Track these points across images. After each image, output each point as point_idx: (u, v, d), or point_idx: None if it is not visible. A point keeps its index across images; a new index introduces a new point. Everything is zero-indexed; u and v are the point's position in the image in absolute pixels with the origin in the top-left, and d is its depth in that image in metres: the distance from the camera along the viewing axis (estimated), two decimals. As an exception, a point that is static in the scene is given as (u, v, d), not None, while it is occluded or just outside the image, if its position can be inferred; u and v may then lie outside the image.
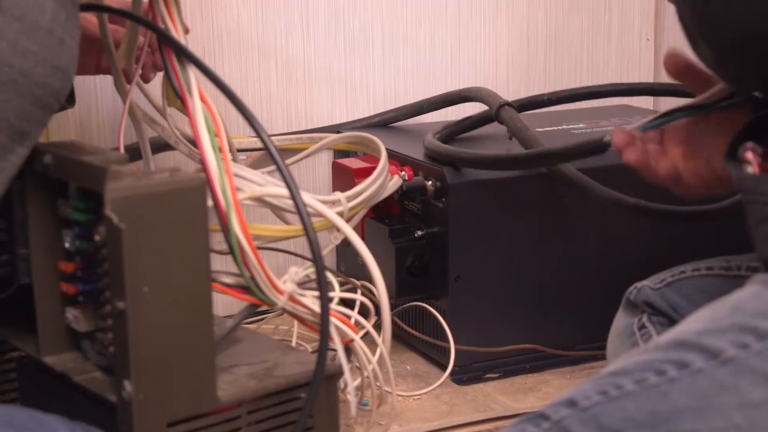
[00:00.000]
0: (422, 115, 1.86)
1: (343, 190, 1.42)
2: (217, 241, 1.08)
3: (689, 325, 0.89)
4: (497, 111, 1.60)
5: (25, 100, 0.95)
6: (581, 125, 1.76)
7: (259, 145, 1.17)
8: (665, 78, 2.06)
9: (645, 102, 2.04)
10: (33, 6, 0.94)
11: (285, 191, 1.18)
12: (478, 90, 1.73)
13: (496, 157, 1.49)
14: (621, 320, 1.27)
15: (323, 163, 1.81)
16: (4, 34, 0.92)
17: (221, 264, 1.12)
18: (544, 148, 1.44)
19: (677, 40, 1.11)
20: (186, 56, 1.12)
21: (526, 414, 0.91)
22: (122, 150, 1.22)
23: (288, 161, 1.56)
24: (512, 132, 1.55)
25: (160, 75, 1.37)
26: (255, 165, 1.59)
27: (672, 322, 1.20)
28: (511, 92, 1.96)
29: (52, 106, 0.98)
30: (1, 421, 0.93)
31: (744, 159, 1.01)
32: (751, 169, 1.00)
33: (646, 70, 2.09)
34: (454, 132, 1.67)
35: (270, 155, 1.10)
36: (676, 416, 0.84)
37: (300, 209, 1.08)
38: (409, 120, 1.84)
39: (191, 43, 1.62)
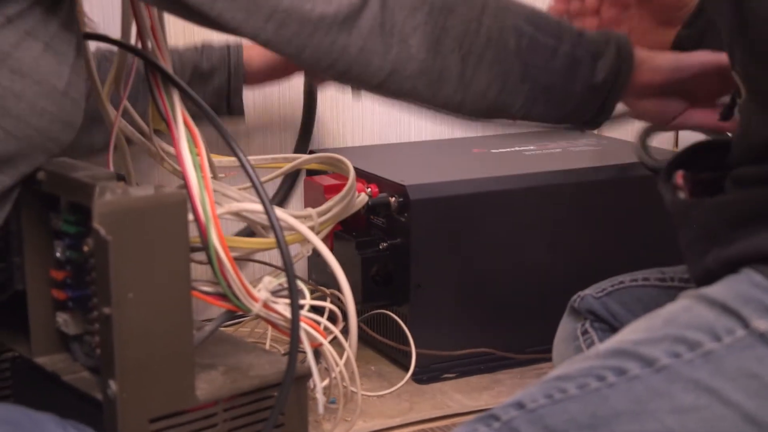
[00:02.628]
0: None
1: (314, 206, 1.41)
2: (197, 252, 1.08)
3: (627, 335, 0.90)
4: None
5: (36, 150, 0.99)
6: (532, 147, 1.76)
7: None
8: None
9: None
10: (53, 72, 0.97)
11: (260, 207, 1.17)
12: None
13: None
14: (566, 326, 1.27)
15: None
16: (24, 96, 0.95)
17: (201, 273, 1.12)
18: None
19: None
20: (171, 82, 1.12)
21: (478, 414, 0.91)
22: (111, 168, 1.21)
23: (264, 179, 1.56)
24: None
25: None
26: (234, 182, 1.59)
27: (612, 328, 1.20)
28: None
29: (55, 152, 1.02)
30: None
31: (676, 185, 1.01)
32: (683, 194, 1.01)
33: None
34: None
35: (246, 173, 1.09)
36: (614, 419, 0.84)
37: (273, 224, 1.08)
38: (375, 141, 1.83)
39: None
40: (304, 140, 1.74)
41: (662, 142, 1.70)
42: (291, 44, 0.98)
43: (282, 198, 1.76)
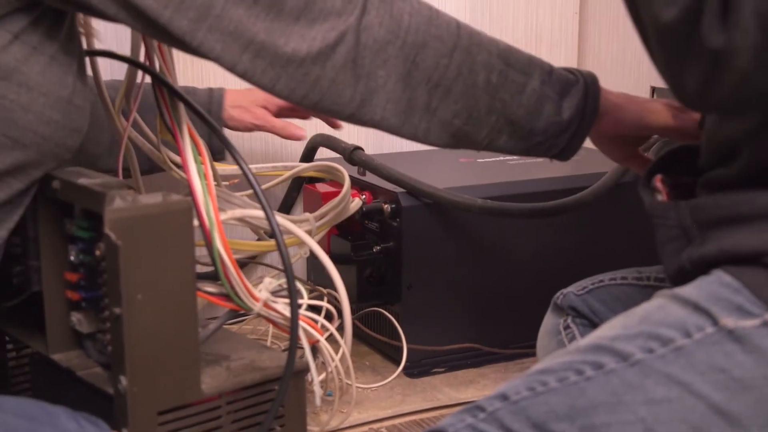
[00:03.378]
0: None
1: (312, 211, 1.41)
2: (202, 255, 1.08)
3: (605, 331, 0.89)
4: (350, 154, 1.60)
5: (45, 156, 0.99)
6: (515, 156, 1.75)
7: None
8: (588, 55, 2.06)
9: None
10: (58, 82, 0.97)
11: (261, 213, 1.17)
12: (323, 138, 1.71)
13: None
14: (549, 321, 1.27)
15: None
16: (31, 108, 0.95)
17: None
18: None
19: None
20: (177, 96, 1.12)
21: (465, 406, 0.91)
22: (120, 176, 1.21)
23: (264, 186, 1.55)
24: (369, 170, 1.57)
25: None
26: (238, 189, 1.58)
27: (592, 323, 1.20)
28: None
29: (65, 157, 1.01)
30: (13, 412, 0.92)
31: (655, 188, 1.01)
32: (661, 197, 1.01)
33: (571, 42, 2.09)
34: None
35: (248, 181, 1.09)
36: (591, 410, 0.84)
37: (274, 228, 1.08)
38: (369, 151, 1.82)
39: (183, 83, 1.62)
40: None
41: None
42: (265, 75, 0.96)
43: (290, 205, 1.75)
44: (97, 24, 1.18)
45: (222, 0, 0.93)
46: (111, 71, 1.42)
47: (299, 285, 1.20)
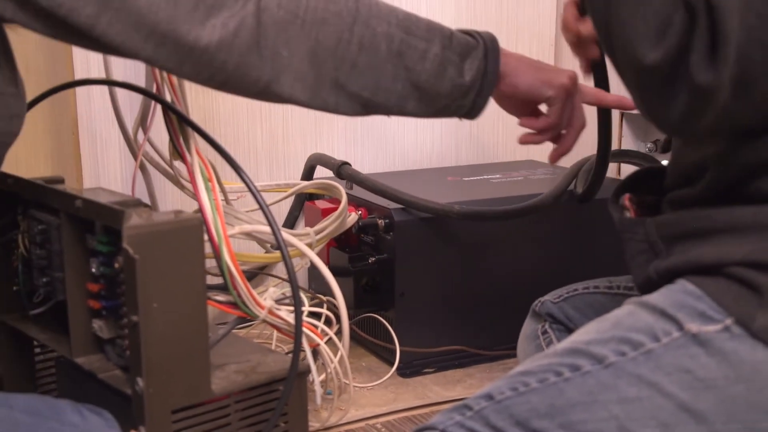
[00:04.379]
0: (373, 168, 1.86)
1: (312, 226, 1.41)
2: (212, 267, 1.08)
3: (580, 336, 0.89)
4: (338, 169, 1.61)
5: None
6: (498, 175, 1.76)
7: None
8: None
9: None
10: None
11: (266, 228, 1.17)
12: (317, 157, 1.72)
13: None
14: (528, 327, 1.27)
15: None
16: None
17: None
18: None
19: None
20: (186, 122, 1.12)
21: (453, 404, 0.91)
22: (134, 194, 1.21)
23: (270, 202, 1.55)
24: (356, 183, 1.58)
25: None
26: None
27: (567, 329, 1.20)
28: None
29: (9, 142, 0.97)
30: (20, 408, 0.91)
31: (624, 206, 1.01)
32: (629, 214, 1.01)
33: None
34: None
35: (255, 199, 1.09)
36: (569, 408, 0.84)
37: (279, 242, 1.08)
38: (366, 171, 1.83)
39: (196, 110, 1.62)
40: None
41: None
42: (170, 60, 0.91)
43: (293, 220, 1.75)
44: (115, 60, 1.18)
45: None
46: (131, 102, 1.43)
47: (301, 293, 1.20)
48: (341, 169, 1.60)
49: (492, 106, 1.06)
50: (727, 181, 0.87)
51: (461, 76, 1.01)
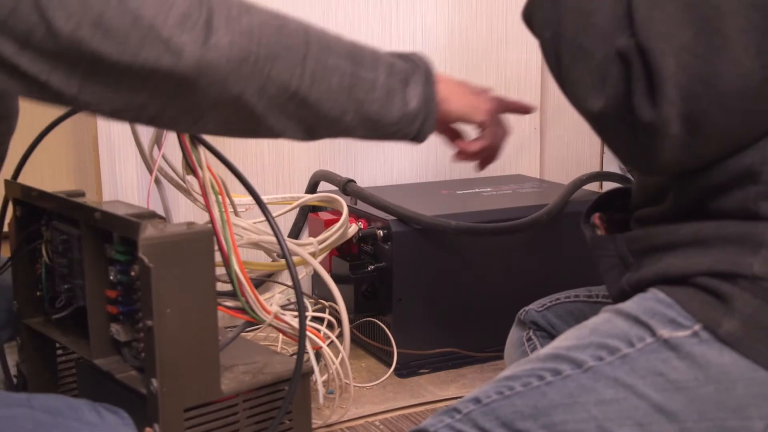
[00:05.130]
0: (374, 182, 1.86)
1: (315, 236, 1.41)
2: (222, 274, 1.08)
3: (561, 342, 0.89)
4: (344, 186, 1.62)
5: None
6: (488, 189, 1.76)
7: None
8: (548, 166, 2.07)
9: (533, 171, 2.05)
10: None
11: (272, 238, 1.17)
12: (322, 174, 1.72)
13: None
14: (514, 333, 1.26)
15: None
16: None
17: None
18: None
19: (558, 129, 1.08)
20: (198, 140, 1.12)
21: (443, 408, 0.91)
22: (149, 206, 1.21)
23: (276, 214, 1.56)
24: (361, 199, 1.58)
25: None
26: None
27: (550, 335, 1.20)
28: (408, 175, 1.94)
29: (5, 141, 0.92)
30: (41, 408, 0.90)
31: (594, 224, 1.01)
32: (599, 231, 1.01)
33: (533, 155, 2.07)
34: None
35: (262, 211, 1.10)
36: (551, 410, 0.84)
37: (285, 252, 1.08)
38: (365, 184, 1.83)
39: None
40: None
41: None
42: (108, 105, 0.81)
43: (298, 231, 1.75)
44: None
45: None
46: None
47: (305, 299, 1.20)
48: (347, 186, 1.61)
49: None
50: (688, 202, 0.88)
51: (406, 104, 0.96)
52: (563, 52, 0.88)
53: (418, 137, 0.99)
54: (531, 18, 0.95)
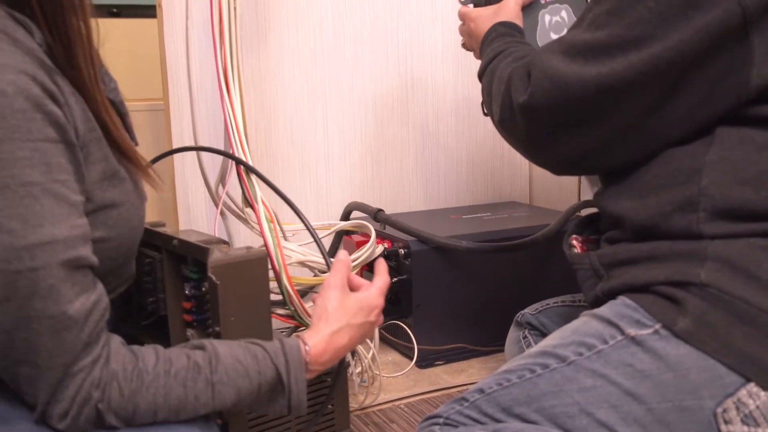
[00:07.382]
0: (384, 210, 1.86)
1: (349, 255, 1.42)
2: (275, 288, 1.09)
3: (549, 341, 0.89)
4: (375, 215, 1.63)
5: (133, 241, 0.86)
6: (488, 214, 1.77)
7: (302, 227, 1.18)
8: (536, 193, 2.05)
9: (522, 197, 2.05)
10: (128, 192, 0.83)
11: (315, 257, 1.18)
12: (356, 204, 1.72)
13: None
14: (512, 332, 1.26)
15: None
16: (127, 217, 0.82)
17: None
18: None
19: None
20: (253, 172, 1.13)
21: (454, 397, 0.91)
22: (216, 233, 1.22)
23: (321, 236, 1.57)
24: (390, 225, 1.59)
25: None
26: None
27: (542, 334, 1.19)
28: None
29: (137, 238, 0.86)
30: None
31: (572, 245, 1.02)
32: (576, 250, 1.00)
33: (524, 184, 2.04)
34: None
35: (311, 235, 1.10)
36: (542, 397, 0.84)
37: (328, 267, 1.08)
38: (388, 211, 1.83)
39: (261, 163, 1.63)
40: None
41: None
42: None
43: (335, 250, 1.76)
44: (200, 131, 1.18)
45: None
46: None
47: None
48: (378, 215, 1.62)
49: (484, 154, 1.08)
50: (642, 227, 0.87)
51: (283, 407, 0.84)
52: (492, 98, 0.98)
53: (295, 411, 0.85)
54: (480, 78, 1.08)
